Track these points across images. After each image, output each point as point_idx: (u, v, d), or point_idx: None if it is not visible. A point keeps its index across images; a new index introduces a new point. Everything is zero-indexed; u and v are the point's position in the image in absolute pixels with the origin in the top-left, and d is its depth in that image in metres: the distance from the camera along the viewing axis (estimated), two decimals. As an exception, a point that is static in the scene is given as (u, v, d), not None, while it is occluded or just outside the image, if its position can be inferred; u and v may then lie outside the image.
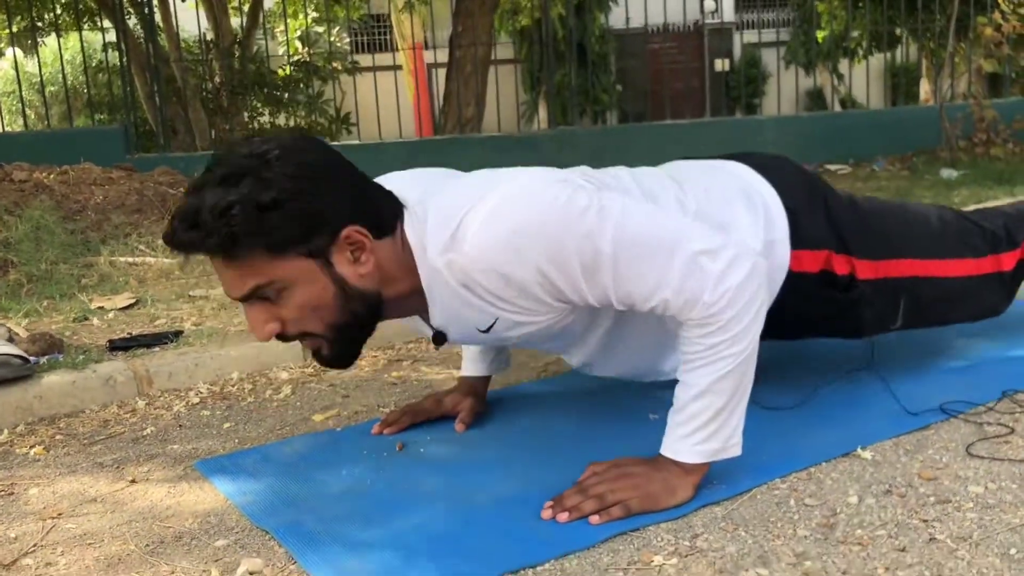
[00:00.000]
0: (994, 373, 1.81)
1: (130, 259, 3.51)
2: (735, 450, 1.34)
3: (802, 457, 1.46)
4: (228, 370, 2.16)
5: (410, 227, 1.32)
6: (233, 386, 2.10)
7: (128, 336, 2.34)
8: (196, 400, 2.01)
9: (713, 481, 1.38)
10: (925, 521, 1.24)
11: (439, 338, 1.43)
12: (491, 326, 1.35)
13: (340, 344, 1.32)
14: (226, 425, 1.85)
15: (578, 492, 1.32)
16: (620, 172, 1.55)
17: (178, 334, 2.34)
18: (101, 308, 2.75)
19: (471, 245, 1.24)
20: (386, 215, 1.31)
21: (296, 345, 2.25)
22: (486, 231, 1.24)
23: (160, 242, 3.80)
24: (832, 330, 1.77)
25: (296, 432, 1.78)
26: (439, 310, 1.35)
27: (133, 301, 2.82)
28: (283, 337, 1.29)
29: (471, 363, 1.76)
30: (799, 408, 1.71)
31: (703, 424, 1.31)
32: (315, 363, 2.21)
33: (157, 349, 2.23)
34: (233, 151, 1.24)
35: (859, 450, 1.49)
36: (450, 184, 1.38)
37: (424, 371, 2.16)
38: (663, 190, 1.53)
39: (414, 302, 1.36)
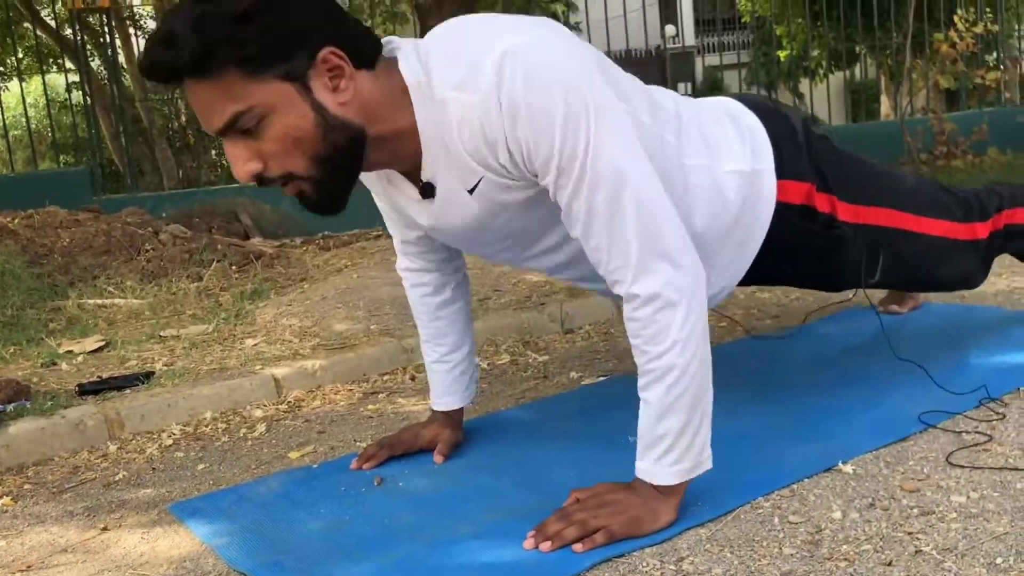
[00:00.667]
0: (971, 380, 1.82)
1: (99, 301, 3.46)
2: (707, 464, 1.34)
3: (784, 474, 1.46)
4: (201, 410, 2.13)
5: (406, 64, 1.27)
6: (207, 426, 2.07)
7: (98, 379, 2.29)
8: (169, 442, 1.98)
9: (696, 502, 1.37)
10: (910, 534, 1.24)
11: (427, 190, 1.37)
12: (476, 185, 1.30)
13: (324, 183, 1.26)
14: (200, 466, 1.81)
15: (560, 520, 1.31)
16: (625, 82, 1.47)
17: (149, 375, 2.30)
18: (70, 352, 2.71)
19: (492, 84, 1.19)
20: (366, 46, 1.26)
21: (269, 382, 2.23)
22: (519, 74, 1.18)
23: (129, 282, 3.76)
24: (810, 272, 1.77)
25: (272, 470, 1.75)
26: (431, 156, 1.30)
27: (103, 344, 2.77)
28: (264, 180, 1.24)
29: (440, 396, 1.74)
30: (778, 417, 1.71)
31: (672, 444, 1.30)
32: (287, 400, 2.20)
33: (128, 391, 2.19)
34: None
35: (840, 464, 1.48)
36: (452, 33, 1.32)
37: (401, 403, 2.13)
38: (661, 92, 1.53)
39: (400, 148, 1.30)
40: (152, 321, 3.09)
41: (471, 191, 1.32)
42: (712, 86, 17.61)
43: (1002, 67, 7.24)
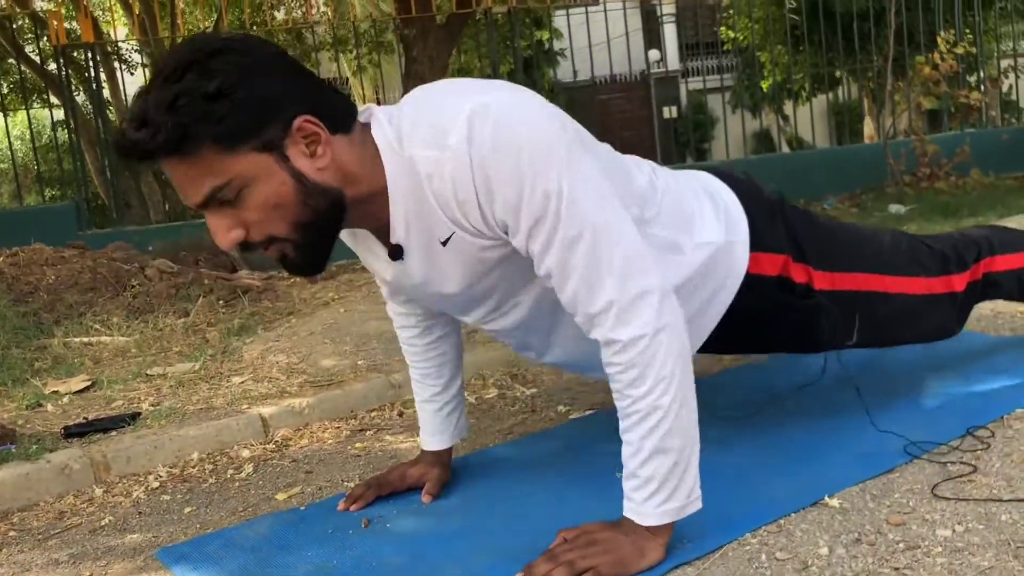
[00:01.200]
0: (956, 409, 1.83)
1: (85, 339, 3.45)
2: (696, 504, 1.34)
3: (770, 508, 1.46)
4: (188, 451, 2.12)
5: (378, 128, 1.29)
6: (194, 467, 2.06)
7: (84, 421, 2.28)
8: (156, 484, 1.97)
9: (683, 539, 1.37)
10: (896, 569, 1.24)
11: (396, 252, 1.38)
12: (449, 238, 1.31)
13: (306, 246, 1.27)
14: (187, 509, 1.80)
15: (548, 561, 1.30)
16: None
17: (135, 416, 2.29)
18: (55, 392, 2.69)
19: (463, 140, 1.21)
20: (340, 111, 1.28)
21: (256, 421, 2.23)
22: (487, 130, 1.20)
23: (115, 319, 3.75)
24: (787, 341, 1.78)
25: (259, 513, 1.74)
26: (401, 213, 1.31)
27: (89, 383, 2.76)
28: (248, 246, 1.25)
29: (430, 436, 1.74)
30: (764, 448, 1.72)
31: (659, 486, 1.30)
32: (274, 440, 2.19)
33: (114, 433, 2.18)
34: (177, 49, 1.20)
35: (827, 498, 1.49)
36: (424, 95, 1.35)
37: (388, 440, 2.13)
38: (638, 164, 1.55)
39: (375, 207, 1.31)
40: (139, 359, 3.08)
41: (444, 243, 1.33)
42: (697, 110, 17.74)
43: (983, 87, 7.32)
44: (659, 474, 1.29)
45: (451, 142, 1.22)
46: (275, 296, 4.15)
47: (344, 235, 1.49)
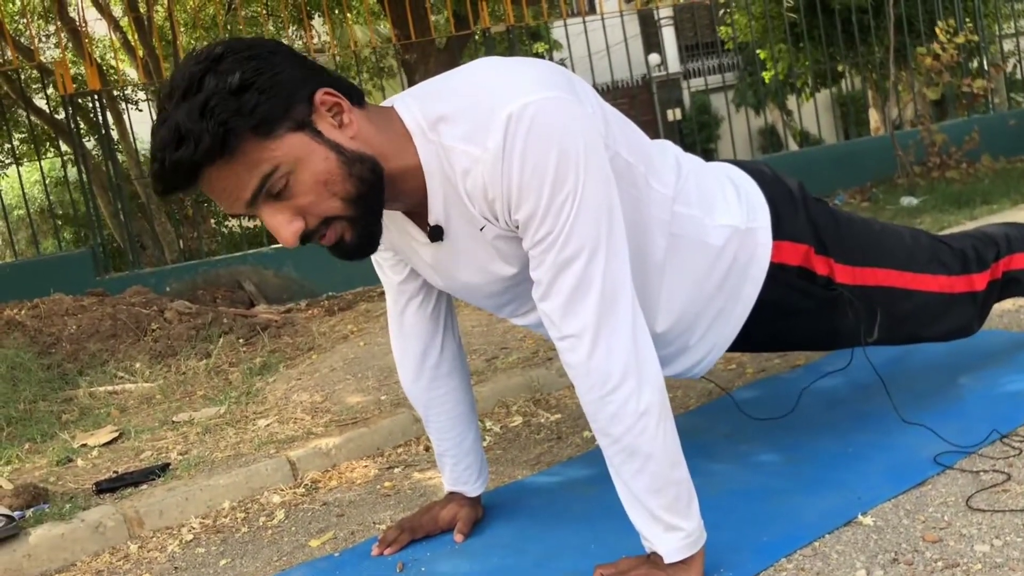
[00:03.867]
0: (984, 413, 1.82)
1: (109, 388, 3.47)
2: (704, 531, 1.35)
3: (804, 531, 1.45)
4: (219, 500, 2.13)
5: (406, 112, 1.30)
6: (226, 516, 2.07)
7: (114, 475, 2.30)
8: (190, 537, 1.98)
9: (720, 568, 1.37)
10: (936, 589, 1.23)
11: (436, 233, 1.38)
12: (483, 228, 1.33)
13: (360, 221, 1.27)
14: (223, 562, 1.81)
15: (586, 600, 1.31)
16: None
17: (165, 467, 2.31)
18: (84, 445, 2.72)
19: (499, 144, 1.22)
20: (348, 86, 1.29)
21: (284, 465, 2.24)
22: (520, 138, 1.22)
23: (138, 364, 3.78)
24: (808, 335, 1.78)
25: (294, 561, 1.75)
26: (440, 195, 1.32)
27: (117, 434, 2.78)
28: (308, 235, 1.25)
29: (453, 485, 1.74)
30: (793, 466, 1.71)
31: (670, 523, 1.31)
32: (304, 483, 2.20)
33: (145, 486, 2.19)
34: (181, 68, 1.21)
35: (860, 516, 1.48)
36: (459, 82, 1.34)
37: (417, 477, 2.13)
38: (663, 146, 1.56)
39: (408, 186, 1.32)
40: (164, 405, 3.10)
41: (481, 229, 1.34)
42: (701, 110, 17.72)
43: (987, 74, 7.28)
44: (663, 509, 1.31)
45: (490, 145, 1.23)
46: (294, 331, 4.17)
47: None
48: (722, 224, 1.55)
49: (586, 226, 1.25)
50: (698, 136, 10.69)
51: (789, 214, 1.64)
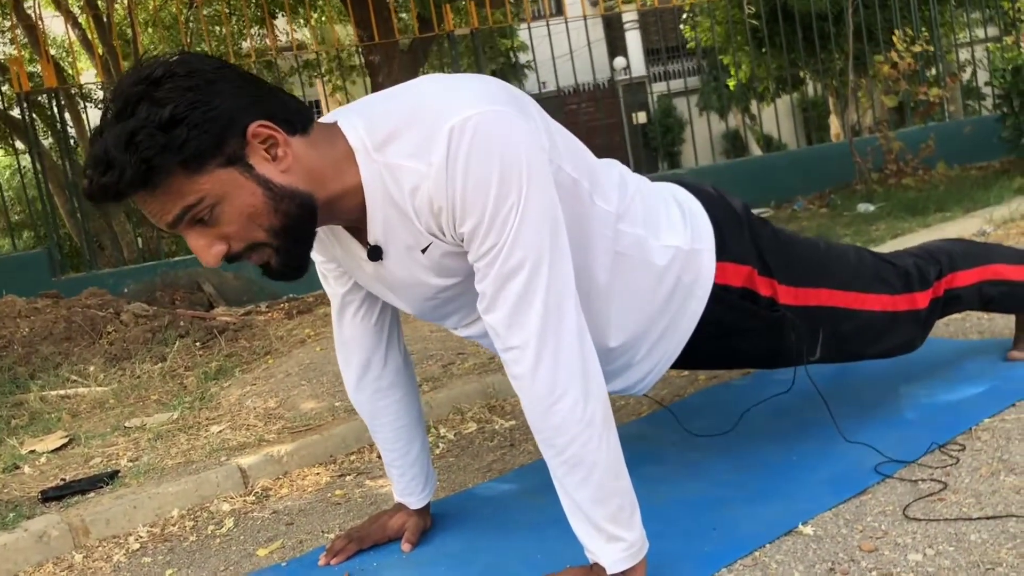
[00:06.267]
0: (925, 423, 1.86)
1: (61, 392, 3.42)
2: (646, 542, 1.36)
3: (745, 542, 1.47)
4: (168, 508, 2.11)
5: (351, 131, 1.30)
6: (174, 525, 2.05)
7: (61, 483, 2.27)
8: (136, 546, 1.96)
9: (661, 579, 1.39)
10: (869, 599, 1.26)
11: (375, 253, 1.38)
12: (427, 247, 1.33)
13: (286, 251, 1.28)
14: (168, 572, 1.80)
15: (527, 612, 1.31)
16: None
17: (114, 475, 2.28)
18: (33, 451, 2.68)
19: (442, 157, 1.23)
20: (293, 111, 1.28)
21: (235, 473, 2.22)
22: (463, 150, 1.22)
23: (92, 368, 3.73)
24: (753, 355, 1.80)
25: (240, 571, 1.74)
26: (380, 216, 1.32)
27: (66, 440, 2.74)
28: (232, 257, 1.26)
29: (401, 495, 1.74)
30: (737, 475, 1.74)
31: (612, 533, 1.32)
32: (254, 491, 2.18)
33: (92, 494, 2.17)
34: (121, 84, 1.21)
35: (800, 526, 1.50)
36: (400, 99, 1.34)
37: (369, 485, 2.13)
38: (608, 165, 1.56)
39: (348, 205, 1.32)
40: (116, 411, 3.06)
41: (423, 251, 1.35)
42: (666, 114, 17.84)
43: (943, 83, 7.41)
44: (605, 519, 1.32)
45: (434, 160, 1.24)
46: (251, 334, 4.14)
47: (320, 240, 1.49)
48: (666, 244, 1.57)
49: (529, 237, 1.26)
50: (663, 140, 10.77)
51: (733, 235, 1.66)
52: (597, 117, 16.38)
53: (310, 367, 3.07)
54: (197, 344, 3.96)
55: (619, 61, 18.83)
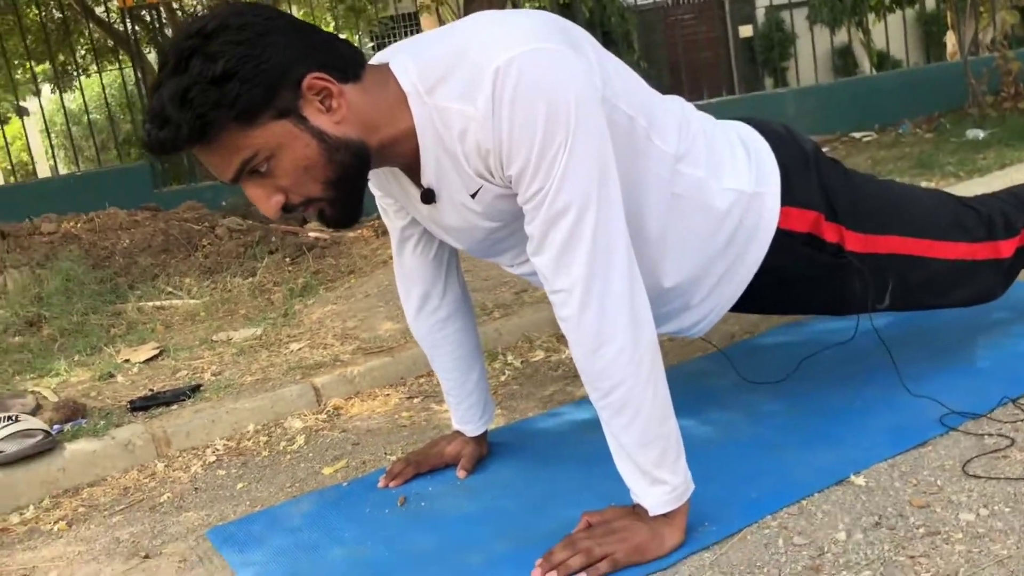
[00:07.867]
0: (998, 374, 1.79)
1: (157, 303, 3.59)
2: (691, 484, 1.37)
3: (793, 489, 1.46)
4: (244, 423, 2.21)
5: (402, 74, 1.30)
6: (249, 439, 2.15)
7: (148, 394, 2.40)
8: (212, 458, 2.07)
9: (704, 523, 1.39)
10: (912, 557, 1.23)
11: (428, 196, 1.40)
12: (477, 191, 1.34)
13: (339, 202, 1.31)
14: (240, 485, 1.89)
15: (565, 548, 1.34)
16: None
17: (196, 388, 2.40)
18: (127, 361, 2.83)
19: (488, 99, 1.22)
20: (346, 59, 1.29)
21: (309, 391, 2.31)
22: (508, 92, 1.21)
23: (187, 280, 3.89)
24: (816, 302, 1.76)
25: (306, 488, 1.82)
26: (432, 159, 1.34)
27: (158, 351, 2.89)
28: (289, 208, 1.30)
29: (459, 423, 1.78)
30: (792, 419, 1.72)
31: (656, 476, 1.33)
32: (326, 409, 2.27)
33: (175, 407, 2.29)
34: (175, 40, 1.24)
35: (852, 476, 1.48)
36: (449, 40, 1.33)
37: (435, 409, 2.18)
38: (670, 102, 1.53)
39: (403, 148, 1.33)
40: (206, 324, 3.20)
41: (474, 195, 1.35)
42: (775, 27, 17.07)
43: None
44: (650, 463, 1.32)
45: (480, 102, 1.23)
46: (338, 252, 4.23)
47: (379, 176, 1.51)
48: (728, 187, 1.52)
49: (577, 180, 1.24)
50: (769, 55, 10.33)
51: (801, 179, 1.60)
52: (701, 29, 15.79)
53: (388, 288, 3.13)
54: (287, 260, 4.07)
55: (726, -29, 18.02)
